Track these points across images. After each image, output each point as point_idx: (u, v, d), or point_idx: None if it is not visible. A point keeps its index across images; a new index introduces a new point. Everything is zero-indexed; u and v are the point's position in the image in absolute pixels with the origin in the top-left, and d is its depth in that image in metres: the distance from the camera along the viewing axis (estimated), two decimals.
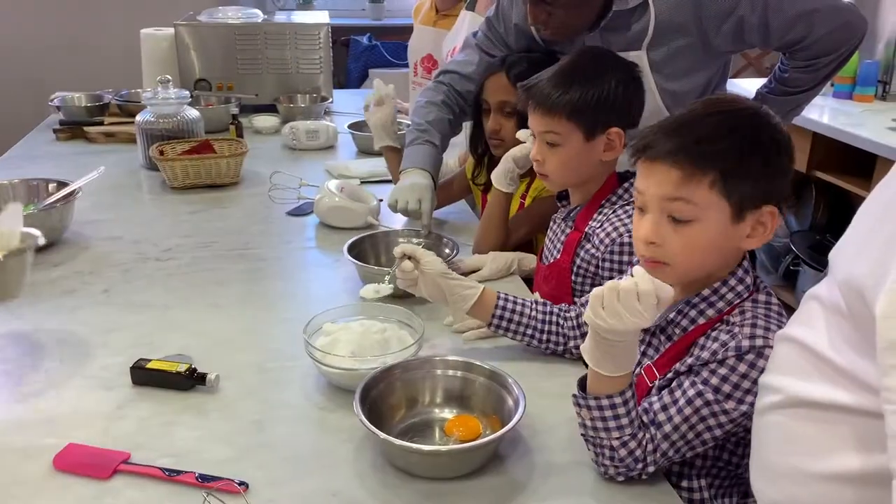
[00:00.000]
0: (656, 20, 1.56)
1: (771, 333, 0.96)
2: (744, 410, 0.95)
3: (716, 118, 1.00)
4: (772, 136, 0.99)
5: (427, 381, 1.14)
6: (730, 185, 0.97)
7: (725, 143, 0.97)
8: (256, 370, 1.25)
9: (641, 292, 0.90)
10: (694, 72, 1.63)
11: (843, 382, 0.73)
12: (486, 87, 1.73)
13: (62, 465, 1.01)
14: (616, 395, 0.97)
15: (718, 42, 1.57)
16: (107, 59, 4.06)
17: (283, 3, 4.67)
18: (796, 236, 3.24)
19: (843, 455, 0.73)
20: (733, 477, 1.10)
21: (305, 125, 2.55)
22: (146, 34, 2.87)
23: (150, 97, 2.27)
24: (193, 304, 1.48)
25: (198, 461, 1.02)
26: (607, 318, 0.91)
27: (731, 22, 1.53)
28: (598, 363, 0.96)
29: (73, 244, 1.74)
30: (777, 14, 1.51)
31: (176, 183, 2.10)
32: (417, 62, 2.73)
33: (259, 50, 2.86)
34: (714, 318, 1.03)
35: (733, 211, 0.98)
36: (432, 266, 1.24)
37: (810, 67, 1.61)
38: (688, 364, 1.00)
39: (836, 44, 1.57)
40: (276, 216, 1.95)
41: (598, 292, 0.92)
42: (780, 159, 0.99)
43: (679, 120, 1.03)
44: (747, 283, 1.04)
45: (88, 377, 1.23)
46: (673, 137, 0.99)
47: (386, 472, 1.02)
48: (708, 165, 0.97)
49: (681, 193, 0.98)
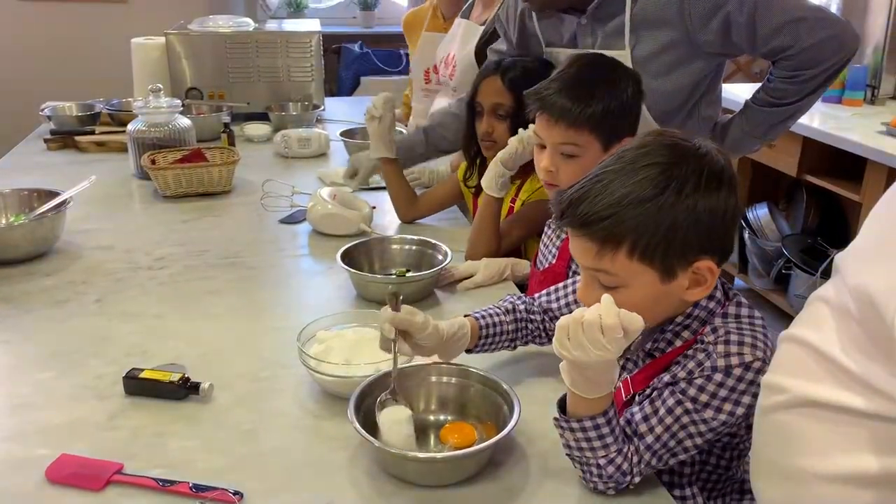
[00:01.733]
0: (641, 11, 1.56)
1: (746, 347, 0.96)
2: (723, 419, 0.95)
3: (620, 181, 0.95)
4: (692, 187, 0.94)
5: (422, 387, 1.14)
6: (648, 253, 0.94)
7: (634, 211, 0.93)
8: (250, 379, 1.25)
9: (605, 326, 0.87)
10: (679, 69, 1.61)
11: (855, 386, 0.72)
12: (480, 89, 1.74)
13: (55, 477, 1.00)
14: (599, 415, 0.95)
15: (705, 40, 1.56)
16: (97, 68, 4.06)
17: (274, 12, 4.68)
18: (788, 240, 3.25)
19: (857, 457, 0.72)
20: (725, 480, 1.10)
21: (297, 133, 2.55)
22: (137, 43, 2.87)
23: (141, 106, 2.27)
24: (186, 313, 1.48)
25: (192, 471, 1.02)
26: (572, 349, 0.89)
27: (719, 19, 1.52)
28: (576, 386, 0.94)
29: (64, 254, 1.73)
30: (764, 17, 1.51)
31: (168, 192, 2.10)
32: (430, 68, 2.74)
33: (250, 58, 2.86)
34: (690, 339, 1.01)
35: (660, 275, 0.96)
36: (428, 341, 1.12)
37: (795, 79, 1.58)
38: (664, 381, 0.99)
39: (822, 56, 1.54)
40: (269, 224, 1.95)
41: (563, 323, 0.90)
42: (714, 215, 0.94)
43: (585, 185, 0.98)
44: (718, 298, 1.02)
45: (81, 387, 1.22)
46: (578, 206, 0.96)
47: (381, 479, 1.01)
48: (619, 237, 0.94)
49: (600, 266, 0.96)
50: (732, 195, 0.96)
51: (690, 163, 0.95)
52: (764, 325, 1.01)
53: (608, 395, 0.95)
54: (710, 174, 0.95)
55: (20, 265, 1.66)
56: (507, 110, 1.69)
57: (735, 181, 0.98)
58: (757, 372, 0.95)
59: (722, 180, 0.95)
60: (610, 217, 0.94)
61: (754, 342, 0.97)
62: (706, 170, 0.95)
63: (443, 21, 2.69)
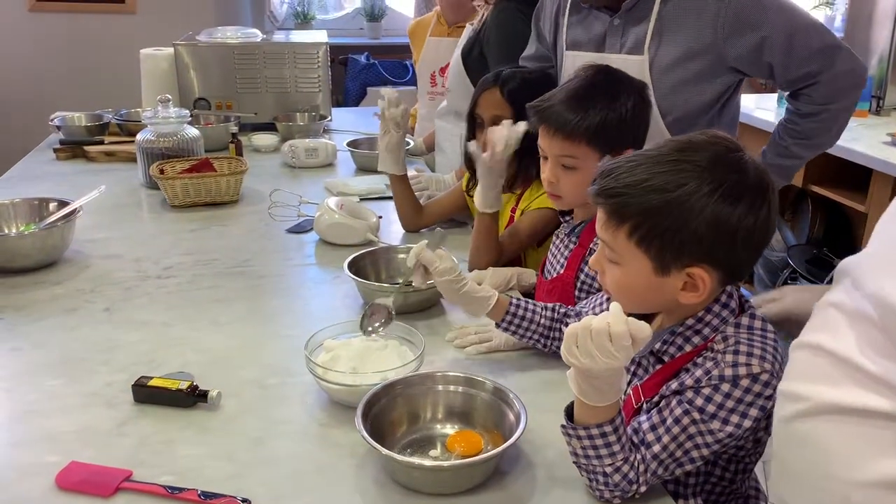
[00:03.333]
0: (672, 10, 1.55)
1: (755, 358, 0.96)
2: (730, 431, 0.95)
3: (647, 166, 0.97)
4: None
5: (428, 396, 1.15)
6: (646, 241, 0.96)
7: (644, 197, 0.95)
8: (258, 387, 1.26)
9: (614, 334, 0.87)
10: (700, 83, 1.58)
11: (878, 388, 0.71)
12: (479, 102, 1.74)
13: (64, 484, 1.01)
14: (605, 423, 0.95)
15: (735, 54, 1.54)
16: (106, 78, 4.09)
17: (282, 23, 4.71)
18: (794, 250, 3.25)
19: (888, 461, 0.71)
20: (729, 493, 1.09)
21: (304, 143, 2.56)
22: (146, 54, 2.90)
23: (150, 116, 2.29)
24: (194, 321, 1.49)
25: (200, 478, 1.03)
26: (580, 357, 0.90)
27: (755, 37, 1.51)
28: (583, 394, 0.94)
29: (74, 263, 1.75)
30: (803, 40, 1.51)
31: (176, 201, 2.11)
32: (436, 72, 2.77)
33: (258, 69, 2.88)
34: (700, 345, 1.01)
35: (654, 266, 0.97)
36: (442, 274, 1.25)
37: (823, 114, 1.59)
38: (672, 389, 1.00)
39: (847, 85, 1.56)
40: (276, 233, 1.96)
41: (571, 330, 0.91)
42: (720, 226, 0.94)
43: (620, 161, 1.01)
44: (732, 308, 1.02)
45: (90, 395, 1.23)
46: (604, 178, 0.99)
47: (388, 487, 1.02)
48: (623, 216, 0.97)
49: (605, 237, 1.00)
50: (752, 215, 0.95)
51: (720, 171, 0.94)
52: (776, 340, 1.00)
53: (615, 403, 0.95)
54: (733, 186, 0.94)
55: (30, 274, 1.67)
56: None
57: (765, 202, 0.96)
58: (765, 385, 0.95)
59: (743, 196, 0.94)
60: (621, 196, 0.96)
61: (763, 353, 0.96)
62: (732, 182, 0.94)
63: (447, 27, 2.74)
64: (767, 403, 0.95)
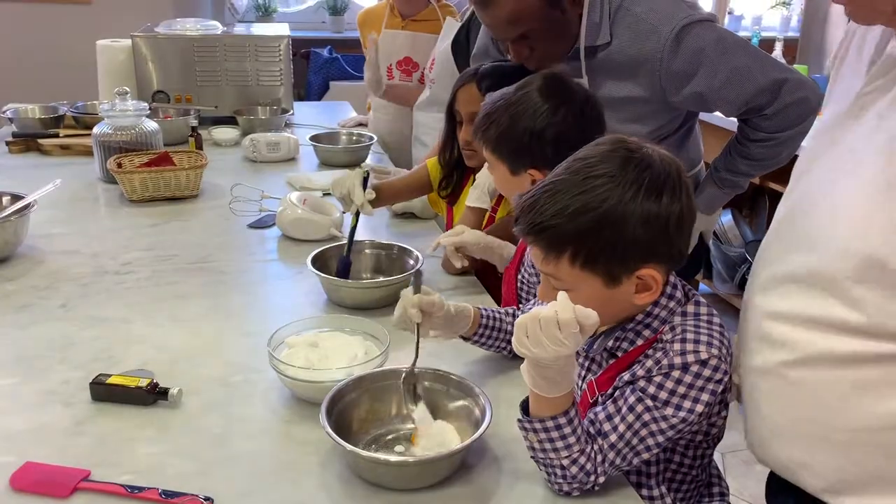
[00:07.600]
0: (616, 58, 1.55)
1: (702, 345, 0.98)
2: (683, 416, 0.97)
3: (566, 191, 0.98)
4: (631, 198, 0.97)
5: (393, 391, 1.14)
6: (590, 261, 0.98)
7: (575, 221, 0.96)
8: (220, 384, 1.24)
9: (562, 321, 0.90)
10: (646, 120, 1.61)
11: (861, 333, 0.76)
12: (457, 98, 1.71)
13: (19, 485, 0.99)
14: (560, 415, 0.97)
15: (676, 101, 1.57)
16: (62, 70, 3.98)
17: (243, 16, 4.64)
18: (751, 246, 3.32)
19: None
20: (690, 480, 1.12)
21: (266, 137, 2.53)
22: (102, 45, 2.83)
23: (107, 109, 2.24)
24: (154, 318, 1.46)
25: (161, 477, 1.01)
26: (531, 346, 0.92)
27: (692, 88, 1.52)
28: (537, 385, 0.96)
29: (28, 258, 1.70)
30: (744, 80, 1.50)
31: (134, 196, 2.07)
32: (392, 65, 2.76)
33: (218, 62, 2.84)
34: (651, 337, 1.03)
35: (604, 281, 0.99)
36: (443, 319, 1.18)
37: (772, 142, 1.59)
38: (626, 380, 1.02)
39: (799, 116, 1.55)
40: (238, 229, 1.93)
41: (521, 321, 0.92)
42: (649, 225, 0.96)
43: (536, 193, 1.01)
44: (678, 298, 1.05)
45: (46, 393, 1.20)
46: (527, 214, 1.00)
47: (353, 484, 1.01)
48: (561, 245, 0.98)
49: (547, 270, 1.01)
50: (676, 201, 0.98)
51: (633, 173, 0.97)
52: (721, 325, 1.03)
53: (568, 394, 0.97)
54: (650, 184, 0.97)
55: None
56: None
57: (682, 187, 0.99)
58: (714, 369, 0.97)
59: (663, 189, 0.97)
60: (552, 227, 0.97)
61: (710, 339, 0.99)
62: (647, 179, 0.97)
63: (402, 19, 2.74)
64: (718, 388, 0.98)
